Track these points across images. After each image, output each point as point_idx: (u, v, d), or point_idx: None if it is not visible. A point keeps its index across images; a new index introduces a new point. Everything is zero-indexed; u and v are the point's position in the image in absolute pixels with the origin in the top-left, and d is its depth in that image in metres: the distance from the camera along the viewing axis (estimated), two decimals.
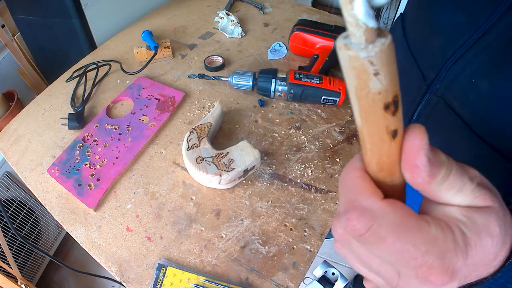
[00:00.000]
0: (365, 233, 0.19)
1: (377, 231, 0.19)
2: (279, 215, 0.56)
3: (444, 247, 0.19)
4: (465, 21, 0.39)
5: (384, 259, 0.20)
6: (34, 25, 0.88)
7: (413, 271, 0.19)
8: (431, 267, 0.19)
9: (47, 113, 0.71)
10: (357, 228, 0.19)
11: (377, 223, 0.19)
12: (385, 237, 0.19)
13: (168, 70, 0.80)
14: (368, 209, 0.20)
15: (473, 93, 0.39)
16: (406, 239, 0.19)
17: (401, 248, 0.19)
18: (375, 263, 0.21)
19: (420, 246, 0.19)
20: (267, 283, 0.49)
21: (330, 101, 0.69)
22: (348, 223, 0.20)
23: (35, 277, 1.20)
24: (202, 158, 0.57)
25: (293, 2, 1.02)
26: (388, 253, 0.19)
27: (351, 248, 0.22)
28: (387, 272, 0.21)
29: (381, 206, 0.20)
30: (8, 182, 1.02)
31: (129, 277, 0.50)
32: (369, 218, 0.19)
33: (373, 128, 0.19)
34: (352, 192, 0.21)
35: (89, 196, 0.57)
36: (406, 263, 0.19)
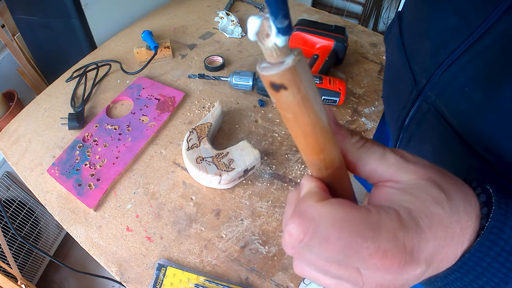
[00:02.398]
0: (304, 237, 0.18)
1: (317, 231, 0.18)
2: (279, 215, 0.56)
3: (393, 228, 0.18)
4: (458, 24, 0.35)
5: (338, 261, 0.19)
6: (34, 25, 0.88)
7: (369, 262, 0.18)
8: (385, 252, 0.18)
9: (47, 113, 0.71)
10: (295, 233, 0.19)
11: (314, 223, 0.18)
12: (327, 236, 0.18)
13: (168, 70, 0.80)
14: (304, 212, 0.19)
15: (465, 103, 0.36)
16: (350, 231, 0.18)
17: (347, 242, 0.18)
18: (333, 269, 0.20)
19: (366, 233, 0.18)
20: (267, 283, 0.49)
21: (330, 101, 0.69)
22: (287, 232, 0.19)
23: (35, 277, 1.20)
24: (202, 158, 0.57)
25: (293, 2, 1.02)
26: (337, 251, 0.18)
27: (306, 261, 0.21)
28: (347, 274, 0.20)
29: (317, 207, 0.19)
30: (8, 182, 1.02)
31: (129, 277, 0.50)
32: (306, 221, 0.19)
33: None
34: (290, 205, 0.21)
35: (89, 196, 0.57)
36: (359, 256, 0.18)
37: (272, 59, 0.16)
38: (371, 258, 0.18)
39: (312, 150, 0.20)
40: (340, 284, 0.22)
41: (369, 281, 0.20)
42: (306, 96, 0.17)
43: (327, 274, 0.21)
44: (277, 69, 0.16)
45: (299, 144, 0.20)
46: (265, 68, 0.17)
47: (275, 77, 0.16)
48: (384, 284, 0.19)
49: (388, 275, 0.19)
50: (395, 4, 1.84)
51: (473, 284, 0.21)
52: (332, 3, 2.09)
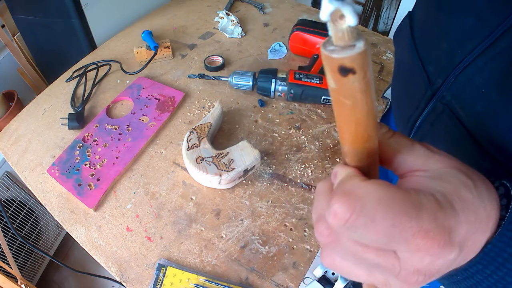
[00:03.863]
0: (350, 216, 0.18)
1: (363, 210, 0.18)
2: (279, 215, 0.56)
3: (432, 208, 0.18)
4: (476, 25, 0.35)
5: (379, 244, 0.19)
6: (34, 25, 0.88)
7: (412, 243, 0.18)
8: (427, 231, 0.18)
9: (47, 113, 0.71)
10: (341, 212, 0.18)
11: (361, 202, 0.18)
12: (373, 215, 0.18)
13: (168, 70, 0.80)
14: (349, 191, 0.19)
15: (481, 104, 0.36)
16: (395, 210, 0.18)
17: (392, 221, 0.18)
18: (371, 255, 0.20)
19: (410, 212, 0.18)
20: (267, 283, 0.49)
21: (330, 101, 0.69)
22: (331, 213, 0.18)
23: (35, 277, 1.20)
24: (202, 158, 0.57)
25: (293, 2, 1.02)
26: (382, 232, 0.18)
27: (342, 248, 0.21)
28: (385, 259, 0.20)
29: (362, 186, 0.19)
30: (8, 182, 1.02)
31: (129, 277, 0.50)
32: (352, 200, 0.18)
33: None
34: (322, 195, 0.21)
35: (89, 196, 0.57)
36: (402, 236, 0.18)
37: (342, 42, 0.16)
38: (414, 238, 0.18)
39: (361, 138, 0.20)
40: (372, 274, 0.21)
41: (407, 266, 0.19)
42: (369, 82, 0.17)
43: (362, 263, 0.21)
44: (349, 52, 0.15)
45: (347, 132, 0.20)
46: (334, 51, 0.16)
47: (347, 61, 0.16)
48: (421, 270, 0.19)
49: (427, 258, 0.19)
50: (395, 4, 1.84)
51: (493, 276, 0.21)
52: None
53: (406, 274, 0.20)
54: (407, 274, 0.20)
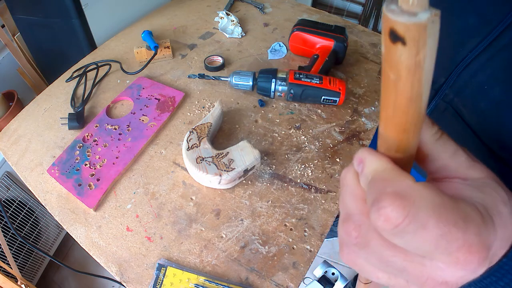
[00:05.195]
0: (403, 221, 0.16)
1: (416, 216, 0.16)
2: (279, 215, 0.56)
3: (477, 222, 0.17)
4: (477, 23, 0.36)
5: (421, 252, 0.18)
6: (34, 25, 0.88)
7: (452, 256, 0.17)
8: (471, 246, 0.17)
9: (47, 113, 0.71)
10: (393, 217, 0.16)
11: (414, 207, 0.16)
12: (426, 222, 0.16)
13: (168, 70, 0.80)
14: (403, 194, 0.17)
15: (484, 101, 0.36)
16: (447, 219, 0.16)
17: (443, 231, 0.16)
18: (399, 260, 0.18)
19: (459, 223, 0.17)
20: (267, 283, 0.49)
21: (330, 101, 0.69)
22: (380, 213, 0.17)
23: (35, 277, 1.20)
24: (202, 158, 0.57)
25: (293, 2, 1.02)
26: (429, 240, 0.16)
27: (370, 252, 0.19)
28: (414, 266, 0.18)
29: (415, 188, 0.17)
30: (8, 182, 1.02)
31: (129, 277, 0.50)
32: (407, 203, 0.16)
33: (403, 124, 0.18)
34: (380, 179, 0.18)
35: (89, 196, 0.57)
36: (447, 247, 0.17)
37: (406, 4, 0.14)
38: (458, 251, 0.17)
39: (394, 125, 0.18)
40: (394, 278, 0.20)
41: (436, 276, 0.18)
42: (421, 64, 0.15)
43: (387, 266, 0.19)
44: (406, 18, 0.14)
45: (384, 112, 0.18)
46: (392, 10, 0.14)
47: (399, 26, 0.14)
48: (449, 282, 0.18)
49: (460, 272, 0.18)
50: None
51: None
52: (332, 3, 2.09)
53: (432, 284, 0.19)
54: (433, 285, 0.19)
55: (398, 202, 0.16)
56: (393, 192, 0.17)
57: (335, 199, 0.58)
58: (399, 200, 0.17)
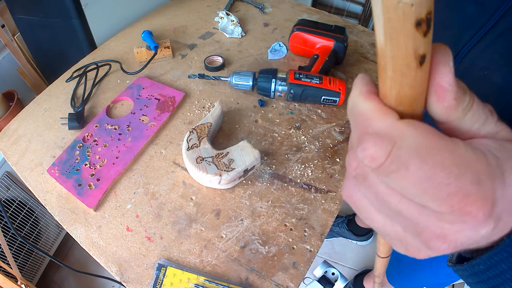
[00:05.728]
0: (385, 161, 0.16)
1: (398, 155, 0.16)
2: (279, 215, 0.56)
3: (479, 170, 0.16)
4: (475, 11, 0.38)
5: (409, 195, 0.17)
6: (34, 25, 0.88)
7: (446, 203, 0.16)
8: (467, 195, 0.15)
9: (47, 113, 0.71)
10: (375, 156, 0.16)
11: (396, 146, 0.16)
12: (408, 162, 0.16)
13: (168, 70, 0.80)
14: (384, 132, 0.17)
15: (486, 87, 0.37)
16: (434, 161, 0.15)
17: (428, 173, 0.15)
18: (394, 200, 0.17)
19: (451, 168, 0.15)
20: (267, 283, 0.49)
21: (330, 101, 0.69)
22: (364, 154, 0.16)
23: (35, 277, 1.20)
24: (202, 158, 0.57)
25: (293, 2, 1.02)
26: (414, 183, 0.16)
27: (366, 185, 0.19)
28: (410, 209, 0.17)
29: (398, 127, 0.16)
30: (8, 182, 1.02)
31: (129, 277, 0.50)
32: (387, 142, 0.16)
33: (399, 50, 0.16)
34: (363, 118, 0.18)
35: (89, 196, 0.57)
36: (436, 192, 0.16)
37: None
38: (450, 198, 0.16)
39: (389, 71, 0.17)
40: (390, 223, 0.19)
41: (433, 226, 0.17)
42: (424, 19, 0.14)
43: (383, 207, 0.19)
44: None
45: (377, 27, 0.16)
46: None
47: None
48: (447, 236, 0.17)
49: (458, 224, 0.17)
50: None
51: None
52: (332, 3, 2.09)
53: (429, 236, 0.18)
54: (430, 236, 0.18)
55: (379, 142, 0.16)
56: (374, 131, 0.17)
57: (335, 199, 0.58)
58: (380, 140, 0.16)
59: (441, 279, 0.78)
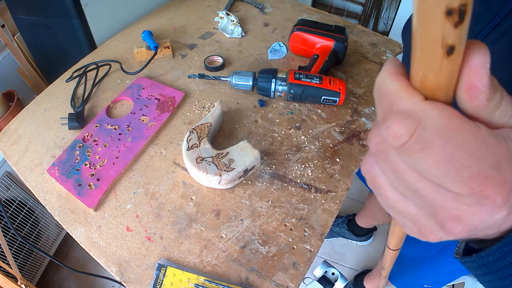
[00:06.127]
0: (408, 140, 0.16)
1: (422, 135, 0.16)
2: (279, 215, 0.56)
3: (500, 155, 0.16)
4: (481, 9, 0.39)
5: (430, 175, 0.17)
6: (34, 25, 0.88)
7: (466, 185, 0.16)
8: (487, 178, 0.16)
9: (47, 113, 0.71)
10: (399, 134, 0.16)
11: (421, 126, 0.16)
12: (431, 142, 0.16)
13: (168, 70, 0.80)
14: (409, 112, 0.17)
15: None
16: (456, 143, 0.16)
17: (451, 154, 0.16)
18: (413, 178, 0.18)
19: (474, 151, 0.16)
20: (267, 283, 0.49)
21: (330, 101, 0.69)
22: (388, 131, 0.17)
23: (35, 277, 1.20)
24: (202, 158, 0.57)
25: (293, 2, 1.02)
26: (437, 163, 0.16)
27: (386, 162, 0.19)
28: (428, 187, 0.17)
29: (424, 107, 0.17)
30: (8, 182, 1.02)
31: (129, 277, 0.50)
32: (412, 122, 0.16)
33: (427, 34, 0.16)
34: (389, 97, 0.18)
35: (89, 196, 0.57)
36: (458, 174, 0.16)
37: None
38: (470, 180, 0.16)
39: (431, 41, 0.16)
40: (405, 202, 0.19)
41: (450, 207, 0.17)
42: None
43: (400, 184, 0.19)
44: None
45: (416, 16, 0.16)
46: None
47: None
48: (463, 218, 0.17)
49: (475, 207, 0.17)
50: (395, 4, 1.84)
51: None
52: (332, 3, 2.09)
53: (445, 217, 0.18)
54: (446, 217, 0.18)
55: (404, 121, 0.16)
56: (399, 110, 0.17)
57: (335, 199, 0.58)
58: (405, 119, 0.16)
59: (441, 277, 0.78)
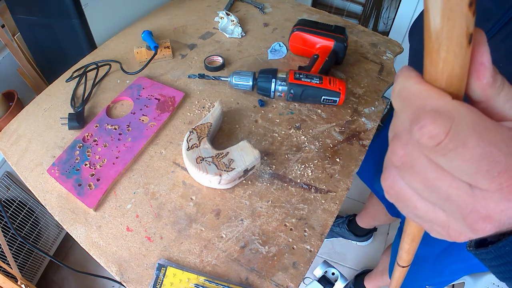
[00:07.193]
0: (445, 138, 0.16)
1: (457, 132, 0.16)
2: (279, 215, 0.56)
3: None
4: (491, 7, 0.40)
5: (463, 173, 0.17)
6: (34, 25, 0.88)
7: (495, 181, 0.16)
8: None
9: (47, 113, 0.71)
10: (435, 133, 0.16)
11: (455, 123, 0.16)
12: (465, 140, 0.16)
13: (168, 70, 0.80)
14: (442, 110, 0.17)
15: None
16: (488, 139, 0.16)
17: (484, 151, 0.16)
18: (444, 184, 0.18)
19: (502, 146, 0.16)
20: (267, 283, 0.49)
21: (330, 101, 0.69)
22: (422, 131, 0.16)
23: (35, 277, 1.20)
24: (202, 158, 0.57)
25: (293, 2, 1.02)
26: (469, 159, 0.16)
27: (414, 173, 0.19)
28: (459, 192, 0.18)
29: (455, 105, 0.17)
30: (8, 182, 1.02)
31: (129, 277, 0.50)
32: (447, 120, 0.16)
33: (454, 30, 0.16)
34: (418, 99, 0.18)
35: (89, 196, 0.57)
36: (489, 169, 0.16)
37: None
38: (500, 176, 0.16)
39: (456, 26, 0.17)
40: (434, 210, 0.20)
41: (480, 208, 0.18)
42: None
43: (429, 194, 0.19)
44: None
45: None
46: None
47: None
48: (492, 216, 0.18)
49: (504, 203, 0.17)
50: (395, 4, 1.84)
51: None
52: (332, 3, 2.09)
53: (476, 218, 0.18)
54: (477, 218, 0.18)
55: (439, 120, 0.16)
56: (432, 109, 0.17)
57: (335, 199, 0.58)
58: (440, 117, 0.16)
59: (444, 278, 0.78)
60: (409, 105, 0.18)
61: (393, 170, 0.20)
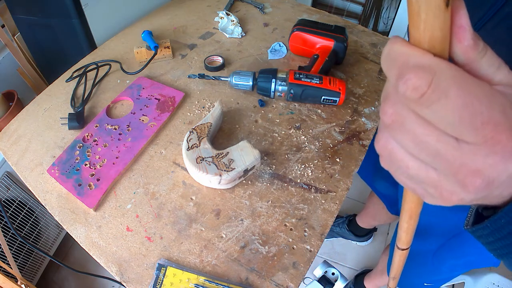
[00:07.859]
0: (428, 90, 0.17)
1: (439, 84, 0.17)
2: (279, 215, 0.56)
3: (503, 102, 0.18)
4: None
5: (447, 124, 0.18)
6: (34, 25, 0.88)
7: (479, 133, 0.17)
8: (498, 124, 0.17)
9: (47, 113, 0.71)
10: (418, 85, 0.17)
11: (437, 76, 0.17)
12: (447, 90, 0.17)
13: (168, 70, 0.80)
14: (425, 65, 0.18)
15: None
16: (469, 91, 0.17)
17: (465, 101, 0.17)
18: (432, 139, 0.19)
19: (483, 98, 0.17)
20: (267, 283, 0.49)
21: (330, 101, 0.69)
22: (406, 85, 0.18)
23: (35, 277, 1.20)
24: (202, 158, 0.57)
25: (293, 2, 1.02)
26: (452, 109, 0.17)
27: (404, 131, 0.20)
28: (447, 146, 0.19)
29: (437, 61, 0.18)
30: (8, 182, 1.02)
31: (129, 277, 0.50)
32: (428, 73, 0.17)
33: None
34: (403, 56, 0.19)
35: (89, 196, 0.57)
36: (472, 121, 0.17)
37: None
38: (483, 127, 0.17)
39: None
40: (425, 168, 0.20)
41: (468, 162, 0.18)
42: None
43: (420, 152, 0.20)
44: None
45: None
46: None
47: None
48: (481, 170, 0.18)
49: (491, 156, 0.18)
50: (395, 4, 1.84)
51: None
52: (332, 3, 2.09)
53: (465, 173, 0.19)
54: (466, 173, 0.19)
55: (421, 73, 0.17)
56: (415, 65, 0.18)
57: (335, 199, 0.58)
58: (422, 71, 0.17)
59: (442, 275, 0.78)
60: (394, 64, 0.19)
61: (385, 132, 0.22)
